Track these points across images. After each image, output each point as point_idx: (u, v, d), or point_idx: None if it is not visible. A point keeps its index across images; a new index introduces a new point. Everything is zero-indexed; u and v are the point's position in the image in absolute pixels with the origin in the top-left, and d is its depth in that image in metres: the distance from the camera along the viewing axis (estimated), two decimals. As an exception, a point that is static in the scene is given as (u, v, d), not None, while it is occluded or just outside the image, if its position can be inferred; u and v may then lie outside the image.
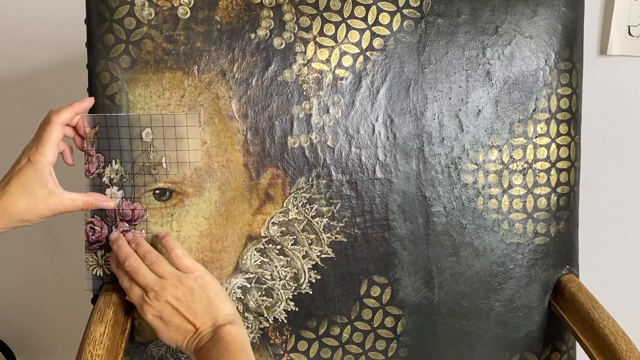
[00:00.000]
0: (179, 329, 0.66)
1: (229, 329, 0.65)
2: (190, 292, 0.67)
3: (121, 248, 0.69)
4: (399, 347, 0.77)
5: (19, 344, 1.26)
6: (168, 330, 0.67)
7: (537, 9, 0.75)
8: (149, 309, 0.67)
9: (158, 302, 0.66)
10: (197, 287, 0.67)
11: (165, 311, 0.66)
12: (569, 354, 0.80)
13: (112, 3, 0.70)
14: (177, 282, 0.67)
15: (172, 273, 0.68)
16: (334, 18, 0.73)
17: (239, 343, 0.64)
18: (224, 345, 0.63)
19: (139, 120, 0.71)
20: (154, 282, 0.67)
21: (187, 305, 0.66)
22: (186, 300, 0.66)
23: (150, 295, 0.66)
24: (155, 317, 0.67)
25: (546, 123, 0.76)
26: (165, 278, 0.67)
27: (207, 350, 0.64)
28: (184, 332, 0.66)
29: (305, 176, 0.73)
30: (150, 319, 0.67)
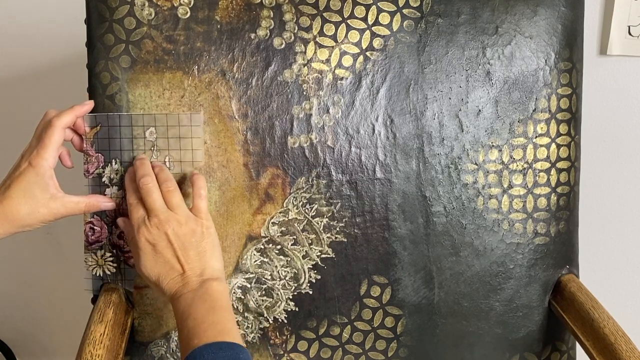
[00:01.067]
0: (166, 264, 0.64)
1: (216, 286, 0.63)
2: (192, 234, 0.66)
3: (144, 164, 0.69)
4: (399, 347, 0.77)
5: (19, 344, 1.26)
6: (154, 262, 0.65)
7: (537, 9, 0.75)
8: (146, 233, 0.65)
9: (158, 230, 0.65)
10: (200, 233, 0.66)
11: (160, 242, 0.65)
12: (569, 354, 0.80)
13: (112, 3, 0.70)
14: (183, 220, 0.66)
15: (183, 210, 0.67)
16: (334, 18, 0.73)
17: (224, 301, 0.63)
18: (210, 301, 0.62)
19: (142, 119, 0.71)
20: (162, 209, 0.66)
21: (183, 246, 0.65)
22: (185, 241, 0.65)
23: (153, 221, 0.65)
24: (148, 243, 0.65)
25: (546, 123, 0.76)
26: (174, 211, 0.66)
27: (189, 301, 0.62)
28: (169, 270, 0.64)
29: (305, 176, 0.73)
30: (142, 243, 0.65)
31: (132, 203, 0.68)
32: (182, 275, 0.64)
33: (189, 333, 0.59)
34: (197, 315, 0.60)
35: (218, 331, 0.59)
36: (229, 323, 0.60)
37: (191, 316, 0.60)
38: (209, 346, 0.57)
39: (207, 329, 0.59)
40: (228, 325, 0.60)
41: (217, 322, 0.60)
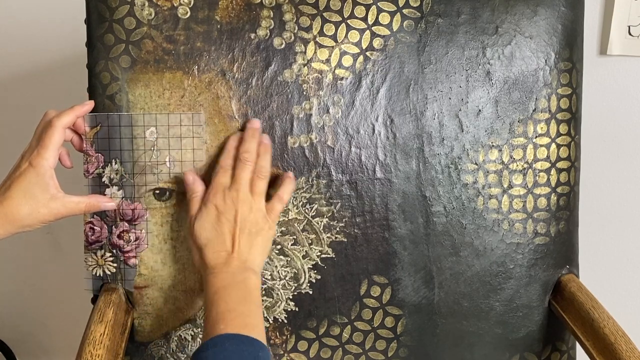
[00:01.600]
0: (220, 235, 0.66)
1: (255, 279, 0.64)
2: (255, 225, 0.67)
3: (255, 136, 0.70)
4: (399, 347, 0.77)
5: (19, 344, 1.26)
6: (212, 226, 0.66)
7: (537, 9, 0.75)
8: (220, 198, 0.67)
9: (232, 203, 0.66)
10: (261, 228, 0.67)
11: (227, 214, 0.66)
12: (569, 354, 0.80)
13: (112, 3, 0.70)
14: (256, 210, 0.67)
15: (261, 200, 0.68)
16: (334, 18, 0.73)
17: (257, 296, 0.63)
18: (245, 291, 0.62)
19: (143, 119, 0.71)
20: (245, 189, 0.67)
21: (243, 229, 0.66)
22: (247, 226, 0.66)
23: (232, 193, 0.67)
24: (215, 207, 0.66)
25: (546, 123, 0.76)
26: (254, 197, 0.67)
27: (225, 283, 0.63)
28: (220, 242, 0.66)
29: (305, 176, 0.73)
30: (211, 205, 0.66)
31: (224, 166, 0.69)
32: (229, 254, 0.65)
33: (217, 316, 0.60)
34: (230, 300, 0.61)
35: (245, 323, 0.59)
36: (257, 318, 0.61)
37: (223, 299, 0.61)
38: (232, 336, 0.57)
39: (236, 317, 0.60)
40: (256, 320, 0.61)
41: (247, 315, 0.60)
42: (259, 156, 0.69)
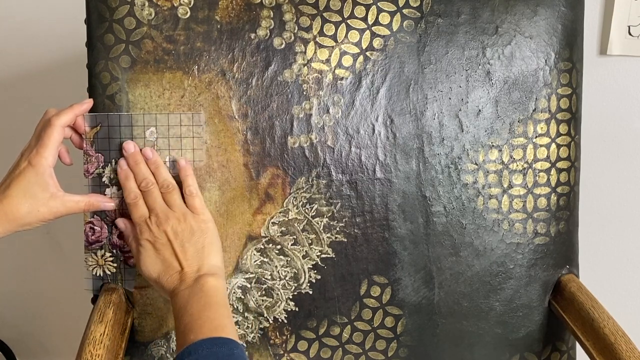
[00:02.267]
0: (165, 262, 0.66)
1: (211, 281, 0.64)
2: (190, 232, 0.67)
3: (140, 167, 0.70)
4: (399, 347, 0.77)
5: (19, 344, 1.26)
6: (154, 259, 0.66)
7: (537, 9, 0.75)
8: (147, 232, 0.67)
9: (157, 228, 0.67)
10: (198, 229, 0.68)
11: (160, 240, 0.66)
12: (569, 354, 0.80)
13: (112, 3, 0.70)
14: (182, 218, 0.67)
15: (181, 208, 0.69)
16: (334, 18, 0.73)
17: (219, 297, 0.63)
18: (205, 297, 0.62)
19: (143, 119, 0.71)
20: (161, 208, 0.68)
21: (181, 243, 0.66)
22: (183, 237, 0.67)
23: (152, 220, 0.67)
24: (148, 241, 0.67)
25: (546, 123, 0.76)
26: (173, 210, 0.68)
27: (186, 297, 0.63)
28: (168, 268, 0.66)
29: (305, 176, 0.73)
30: (143, 241, 0.67)
31: (131, 203, 0.69)
32: (181, 272, 0.65)
33: (185, 328, 0.60)
34: (193, 311, 0.61)
35: (214, 327, 0.59)
36: (224, 319, 0.61)
37: (187, 312, 0.61)
38: (205, 341, 0.57)
39: (203, 324, 0.60)
40: (224, 321, 0.61)
41: (213, 318, 0.60)
42: (154, 174, 0.70)
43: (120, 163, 0.71)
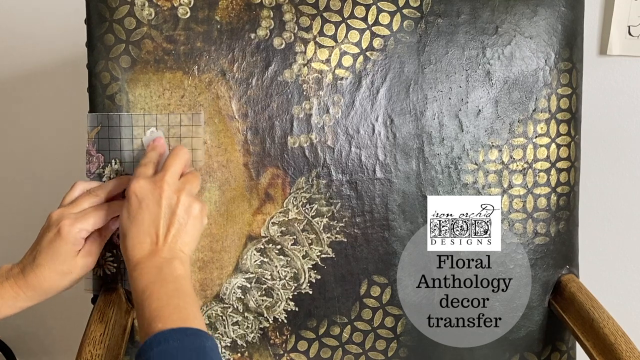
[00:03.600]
0: (140, 226, 0.60)
1: (181, 269, 0.59)
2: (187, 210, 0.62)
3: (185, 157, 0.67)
4: (399, 347, 0.77)
5: (19, 344, 1.26)
6: (131, 216, 0.61)
7: (537, 9, 0.75)
8: (138, 184, 0.61)
9: (154, 185, 0.61)
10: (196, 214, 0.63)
11: (149, 197, 0.61)
12: (569, 354, 0.80)
13: (112, 3, 0.70)
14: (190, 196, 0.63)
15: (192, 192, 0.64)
16: (334, 18, 0.73)
17: (187, 285, 0.59)
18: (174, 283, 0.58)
19: (143, 119, 0.71)
20: (174, 175, 0.63)
21: (170, 217, 0.61)
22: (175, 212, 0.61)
23: (156, 177, 0.62)
24: (135, 196, 0.61)
25: (546, 123, 0.76)
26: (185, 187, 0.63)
27: (152, 278, 0.58)
28: (141, 233, 0.60)
29: (305, 176, 0.73)
30: (130, 192, 0.61)
31: (144, 163, 0.66)
32: (153, 246, 0.60)
33: (151, 314, 0.55)
34: (162, 295, 0.57)
35: (184, 317, 0.55)
36: (194, 309, 0.57)
37: (154, 296, 0.56)
38: (175, 331, 0.53)
39: (173, 312, 0.55)
40: (193, 311, 0.57)
41: (183, 307, 0.56)
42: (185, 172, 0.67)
43: (156, 140, 0.69)
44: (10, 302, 0.63)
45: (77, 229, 0.63)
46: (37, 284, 0.63)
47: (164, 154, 0.69)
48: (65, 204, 0.66)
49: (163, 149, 0.70)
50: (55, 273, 0.63)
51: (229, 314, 0.75)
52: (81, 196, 0.67)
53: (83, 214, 0.64)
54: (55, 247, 0.62)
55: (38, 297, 0.64)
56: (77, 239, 0.63)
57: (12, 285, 0.63)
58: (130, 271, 0.60)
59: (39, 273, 0.63)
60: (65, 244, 0.62)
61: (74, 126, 0.93)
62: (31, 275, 0.63)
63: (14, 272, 0.64)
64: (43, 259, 0.63)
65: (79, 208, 0.65)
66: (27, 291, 0.63)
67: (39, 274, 0.63)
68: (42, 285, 0.63)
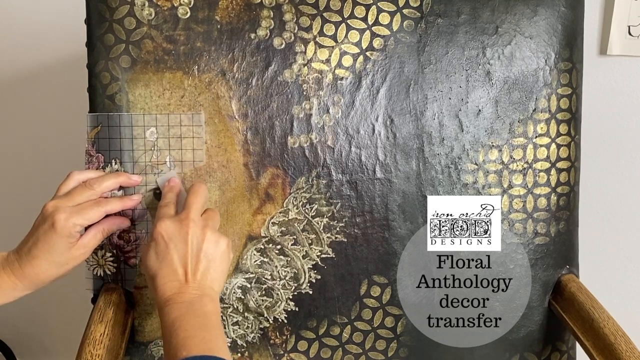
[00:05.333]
0: (170, 266, 0.61)
1: (211, 306, 0.60)
2: (215, 245, 0.63)
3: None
4: (399, 347, 0.77)
5: (19, 344, 1.26)
6: (159, 257, 0.61)
7: (537, 9, 0.75)
8: (165, 224, 0.62)
9: (180, 225, 0.62)
10: (223, 251, 0.63)
11: (176, 238, 0.61)
12: (569, 354, 0.80)
13: (112, 3, 0.70)
14: (215, 233, 0.63)
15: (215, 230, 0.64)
16: (334, 18, 0.73)
17: (216, 321, 0.60)
18: (203, 318, 0.59)
19: (143, 119, 0.71)
20: (198, 212, 0.64)
21: (196, 255, 0.62)
22: (201, 249, 0.62)
23: (181, 216, 0.63)
24: (162, 237, 0.62)
25: (546, 123, 0.76)
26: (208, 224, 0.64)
27: (182, 311, 0.58)
28: (170, 272, 0.61)
29: (305, 176, 0.73)
30: (156, 234, 0.62)
31: (164, 204, 0.66)
32: (182, 283, 0.61)
33: (177, 344, 0.56)
34: (189, 327, 0.57)
35: (209, 347, 0.56)
36: (220, 342, 0.58)
37: (182, 327, 0.57)
38: (198, 359, 0.54)
39: (199, 343, 0.56)
40: (219, 343, 0.58)
41: (209, 339, 0.57)
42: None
43: (171, 181, 0.70)
44: (8, 292, 0.63)
45: (71, 223, 0.63)
46: (33, 275, 0.63)
47: (180, 193, 0.70)
48: (60, 195, 0.66)
49: (179, 188, 0.71)
50: (51, 264, 0.64)
51: (229, 314, 0.75)
52: (76, 188, 0.67)
53: (78, 208, 0.64)
54: (50, 240, 0.63)
55: (34, 287, 0.65)
56: (71, 233, 0.63)
57: (9, 275, 0.63)
58: (161, 308, 0.60)
59: (35, 265, 0.63)
60: (59, 238, 0.63)
61: (74, 126, 0.93)
62: (27, 267, 0.63)
63: (10, 261, 0.64)
64: (39, 251, 0.63)
65: (74, 201, 0.65)
66: (24, 281, 0.64)
67: (35, 265, 0.63)
68: (39, 276, 0.64)
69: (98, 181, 0.67)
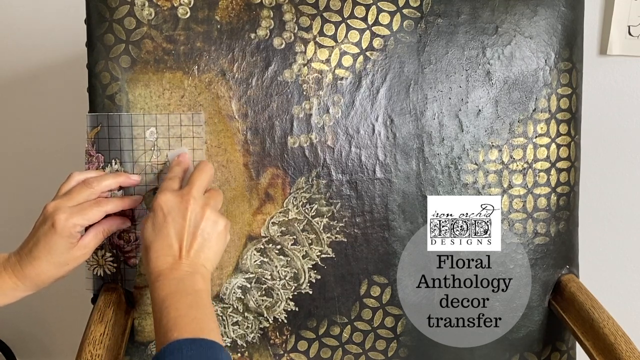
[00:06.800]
0: (165, 238, 0.61)
1: (202, 284, 0.60)
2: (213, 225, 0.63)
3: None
4: (399, 347, 0.77)
5: (19, 344, 1.26)
6: (156, 229, 0.61)
7: (537, 9, 0.75)
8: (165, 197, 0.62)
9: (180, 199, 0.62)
10: (220, 231, 0.63)
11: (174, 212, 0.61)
12: (569, 354, 0.80)
13: (112, 3, 0.70)
14: (215, 212, 0.63)
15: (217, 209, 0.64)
16: (334, 18, 0.73)
17: (207, 299, 0.59)
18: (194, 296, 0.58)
19: (143, 119, 0.71)
20: (200, 189, 0.64)
21: (194, 231, 0.62)
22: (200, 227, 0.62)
23: (183, 191, 0.63)
24: (161, 209, 0.62)
25: (546, 123, 0.76)
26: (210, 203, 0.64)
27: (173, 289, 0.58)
28: (165, 246, 0.61)
29: (305, 176, 0.73)
30: (156, 205, 0.62)
31: (170, 177, 0.66)
32: (176, 259, 0.61)
33: (168, 323, 0.56)
34: (180, 306, 0.57)
35: (200, 328, 0.56)
36: (211, 322, 0.58)
37: (173, 306, 0.57)
38: (189, 341, 0.54)
39: (189, 323, 0.56)
40: (211, 324, 0.57)
41: (200, 319, 0.57)
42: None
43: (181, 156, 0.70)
44: (9, 293, 0.63)
45: (71, 223, 0.63)
46: (34, 276, 0.63)
47: (188, 170, 0.70)
48: (61, 195, 0.66)
49: (187, 164, 0.70)
50: (52, 265, 0.63)
51: (229, 314, 0.75)
52: (76, 187, 0.67)
53: (78, 209, 0.64)
54: (50, 240, 0.63)
55: (36, 287, 0.65)
56: (71, 233, 0.63)
57: (11, 276, 0.63)
58: (152, 282, 0.60)
59: (36, 265, 0.63)
60: (60, 238, 0.63)
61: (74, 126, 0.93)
62: (28, 267, 0.63)
63: (12, 262, 0.64)
64: (39, 252, 0.63)
65: (74, 201, 0.65)
66: (25, 282, 0.64)
67: (37, 266, 0.63)
68: (40, 277, 0.64)
69: (97, 180, 0.67)
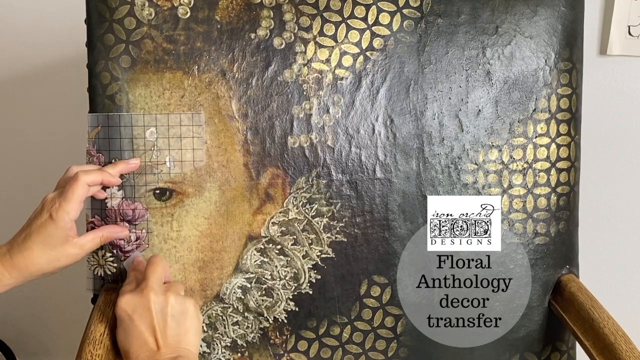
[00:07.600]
0: (139, 338, 0.60)
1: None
2: (181, 311, 0.63)
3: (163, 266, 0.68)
4: (399, 347, 0.77)
5: (19, 344, 1.26)
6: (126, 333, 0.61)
7: (537, 9, 0.75)
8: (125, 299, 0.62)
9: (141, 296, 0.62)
10: (191, 311, 0.64)
11: (140, 309, 0.61)
12: (569, 354, 0.80)
13: (112, 3, 0.70)
14: (175, 294, 0.63)
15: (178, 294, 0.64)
16: (334, 18, 0.73)
17: None
18: None
19: (143, 119, 0.71)
20: (158, 281, 0.64)
21: (164, 318, 0.62)
22: (167, 313, 0.62)
23: (141, 286, 0.63)
24: (125, 311, 0.62)
25: (546, 123, 0.76)
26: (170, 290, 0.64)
27: None
28: (141, 346, 0.60)
29: (305, 176, 0.73)
30: (119, 310, 0.62)
31: (128, 282, 0.67)
32: (154, 352, 0.60)
33: None
34: None
35: None
36: None
37: None
38: None
39: None
40: None
41: None
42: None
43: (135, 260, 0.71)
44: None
45: (63, 211, 0.64)
46: (23, 266, 0.63)
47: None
48: (60, 187, 0.67)
49: (143, 266, 0.70)
50: (44, 257, 0.64)
51: (229, 313, 0.75)
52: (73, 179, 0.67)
53: (63, 196, 0.64)
54: (46, 230, 0.63)
55: (22, 279, 0.64)
56: (66, 222, 0.64)
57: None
58: None
59: (27, 255, 0.63)
60: (56, 228, 0.63)
61: (74, 126, 0.93)
62: (18, 257, 0.63)
63: (1, 252, 0.64)
64: (33, 242, 0.63)
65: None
66: (12, 272, 0.63)
67: (27, 256, 0.63)
68: (28, 268, 0.64)
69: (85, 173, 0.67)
